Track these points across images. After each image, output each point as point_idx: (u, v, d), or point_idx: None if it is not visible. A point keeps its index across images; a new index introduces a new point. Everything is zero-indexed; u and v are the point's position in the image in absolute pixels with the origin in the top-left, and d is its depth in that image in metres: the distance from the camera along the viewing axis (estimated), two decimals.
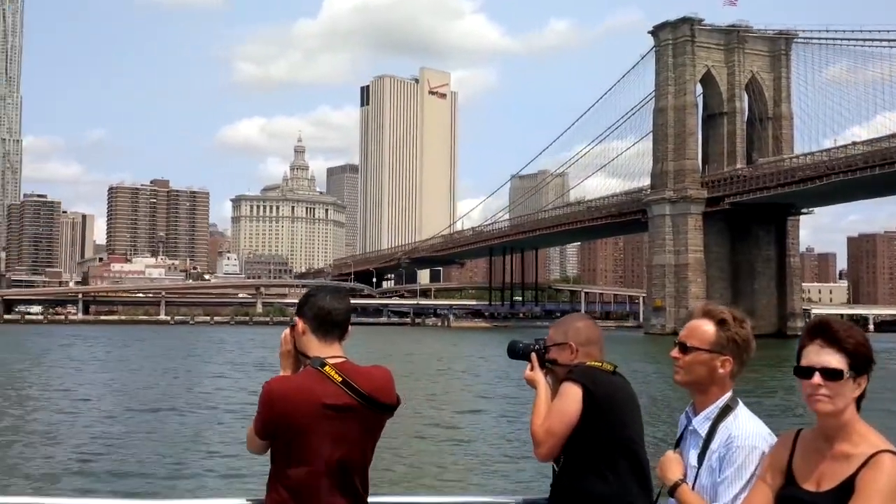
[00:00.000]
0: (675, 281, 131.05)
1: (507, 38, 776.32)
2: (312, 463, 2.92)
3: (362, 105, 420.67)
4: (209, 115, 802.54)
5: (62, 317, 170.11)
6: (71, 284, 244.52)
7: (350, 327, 3.13)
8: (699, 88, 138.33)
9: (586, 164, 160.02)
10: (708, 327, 2.91)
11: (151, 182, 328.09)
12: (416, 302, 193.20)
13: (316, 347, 3.01)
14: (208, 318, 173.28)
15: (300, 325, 3.06)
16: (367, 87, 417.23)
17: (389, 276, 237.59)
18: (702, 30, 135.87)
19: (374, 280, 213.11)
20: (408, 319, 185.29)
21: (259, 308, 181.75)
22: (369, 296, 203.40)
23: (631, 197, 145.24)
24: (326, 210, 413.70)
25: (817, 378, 2.48)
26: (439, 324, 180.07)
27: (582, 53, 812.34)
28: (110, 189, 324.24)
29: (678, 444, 3.03)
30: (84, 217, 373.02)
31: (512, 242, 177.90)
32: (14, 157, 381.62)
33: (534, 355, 3.49)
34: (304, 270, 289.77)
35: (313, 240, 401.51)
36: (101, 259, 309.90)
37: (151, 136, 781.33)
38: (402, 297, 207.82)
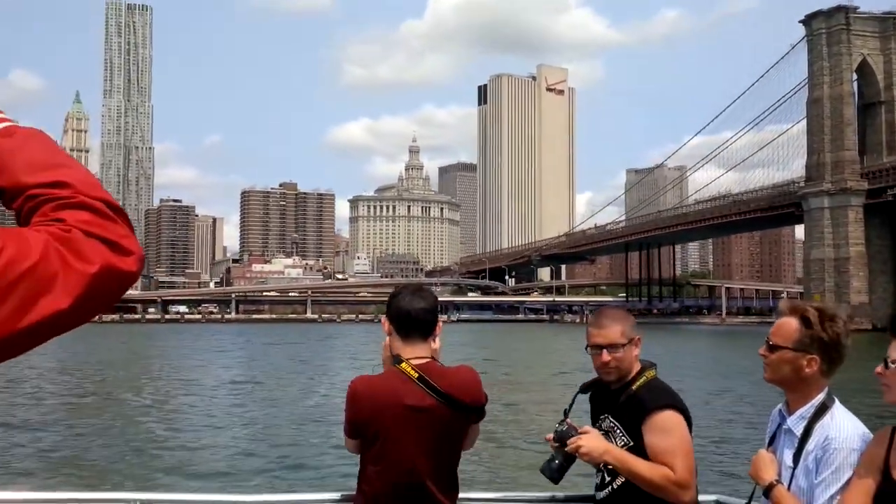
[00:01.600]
0: (834, 275, 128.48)
1: (613, 30, 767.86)
2: (393, 461, 2.93)
3: (480, 104, 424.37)
4: (318, 117, 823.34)
5: (219, 316, 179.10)
6: (211, 285, 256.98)
7: (440, 325, 3.07)
8: (854, 77, 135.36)
9: (727, 158, 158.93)
10: (792, 325, 2.83)
11: (280, 185, 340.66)
12: (551, 299, 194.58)
13: (399, 347, 3.01)
14: (353, 316, 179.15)
15: (386, 325, 3.07)
16: (485, 86, 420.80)
17: (512, 273, 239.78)
18: (857, 17, 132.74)
19: (506, 278, 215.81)
20: (544, 316, 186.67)
21: None
22: (503, 293, 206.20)
23: (780, 190, 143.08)
24: (441, 209, 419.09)
25: None
26: (577, 320, 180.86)
27: (695, 43, 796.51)
28: (243, 193, 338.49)
29: (770, 443, 2.96)
30: (214, 220, 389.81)
31: (649, 238, 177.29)
32: (147, 163, 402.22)
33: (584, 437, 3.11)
34: (429, 269, 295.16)
35: (429, 238, 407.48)
36: (235, 260, 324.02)
37: (263, 139, 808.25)
38: (536, 293, 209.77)
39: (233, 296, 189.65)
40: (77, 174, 1.02)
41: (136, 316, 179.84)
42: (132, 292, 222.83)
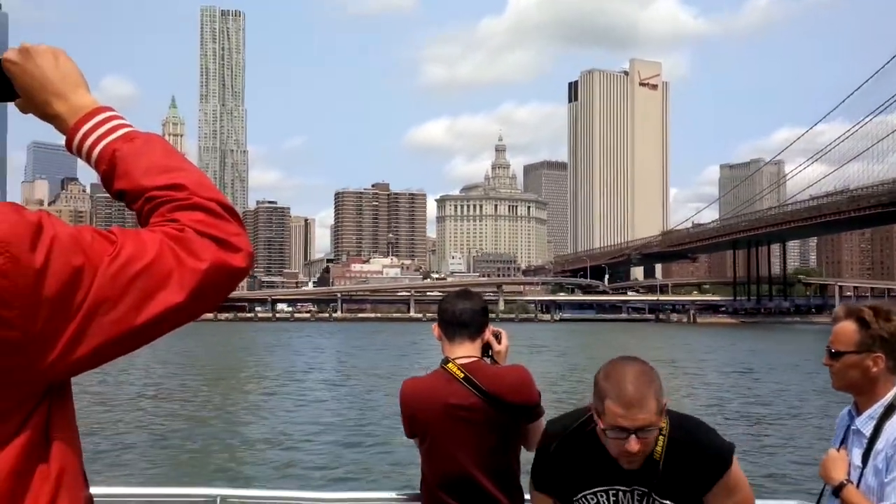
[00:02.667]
0: None
1: (700, 21, 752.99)
2: (442, 458, 2.99)
3: (570, 101, 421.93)
4: (398, 117, 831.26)
5: (326, 315, 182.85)
6: (310, 285, 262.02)
7: (489, 325, 3.10)
8: None
9: (833, 153, 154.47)
10: (850, 328, 2.81)
11: (373, 186, 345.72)
12: (655, 298, 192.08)
13: (447, 348, 3.06)
14: None
15: (436, 331, 3.12)
16: (575, 82, 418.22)
17: (607, 272, 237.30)
18: None
19: (607, 276, 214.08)
20: (649, 316, 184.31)
21: (501, 306, 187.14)
22: (603, 292, 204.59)
23: None
24: (528, 207, 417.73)
25: None
26: (684, 320, 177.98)
27: (787, 32, 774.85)
28: (337, 193, 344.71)
29: (840, 444, 2.93)
30: (306, 221, 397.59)
31: (759, 236, 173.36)
32: (241, 166, 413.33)
33: None
34: (524, 268, 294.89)
35: (516, 237, 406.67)
36: (329, 260, 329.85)
37: (344, 140, 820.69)
38: (637, 292, 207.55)
39: (338, 295, 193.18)
40: (192, 176, 1.08)
41: (249, 315, 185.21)
42: (243, 292, 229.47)
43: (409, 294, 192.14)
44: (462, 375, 2.95)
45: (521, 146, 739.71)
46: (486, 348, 3.10)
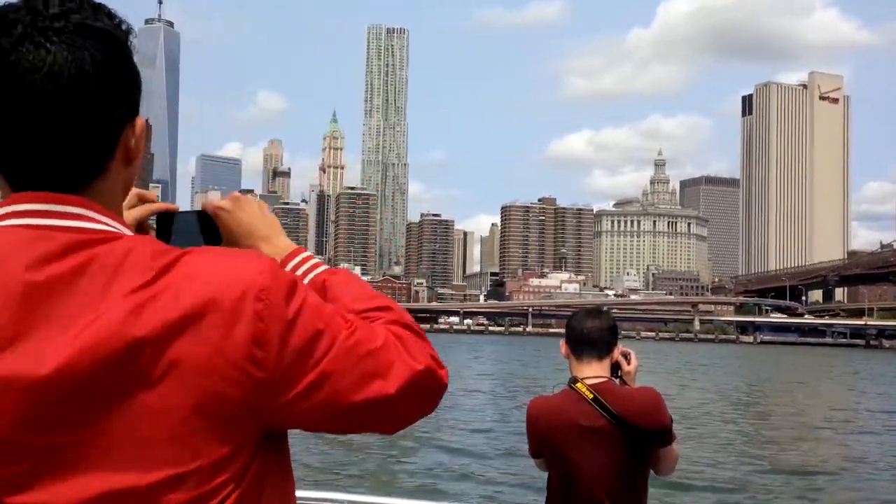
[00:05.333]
0: None
1: (864, 32, 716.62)
2: (570, 480, 2.96)
3: (744, 115, 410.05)
4: (539, 130, 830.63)
5: (520, 329, 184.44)
6: (481, 299, 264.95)
7: (618, 344, 3.07)
8: None
9: None
10: None
11: (539, 200, 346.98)
12: (863, 322, 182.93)
13: (574, 367, 3.04)
14: (653, 334, 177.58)
15: (563, 348, 3.10)
16: (749, 95, 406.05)
17: (804, 293, 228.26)
18: None
19: (804, 298, 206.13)
20: (855, 341, 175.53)
21: (696, 325, 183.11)
22: (800, 314, 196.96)
23: None
24: (689, 224, 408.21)
25: None
26: None
27: None
28: (503, 207, 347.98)
29: None
30: (465, 234, 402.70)
31: None
32: (402, 179, 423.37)
33: None
34: (713, 286, 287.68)
35: (675, 255, 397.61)
36: (494, 274, 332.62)
37: (484, 153, 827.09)
38: (834, 315, 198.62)
39: (529, 310, 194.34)
40: (396, 304, 1.15)
41: (444, 326, 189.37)
42: (433, 304, 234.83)
43: None
44: (591, 396, 2.91)
45: (670, 161, 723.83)
46: (615, 368, 3.06)
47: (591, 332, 3.01)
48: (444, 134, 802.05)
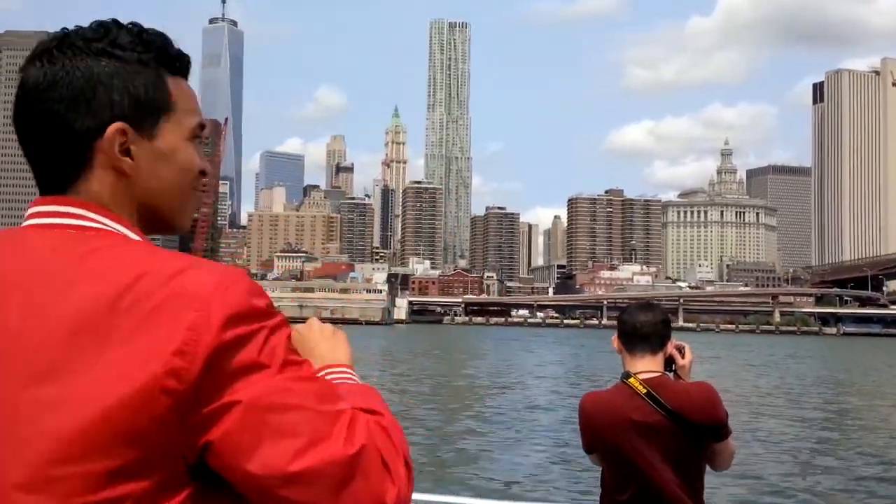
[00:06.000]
0: None
1: None
2: (626, 476, 2.93)
3: (815, 102, 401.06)
4: (598, 121, 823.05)
5: (596, 322, 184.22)
6: (550, 291, 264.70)
7: (672, 340, 3.03)
8: None
9: None
10: None
11: (606, 192, 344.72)
12: None
13: (628, 362, 3.00)
14: (733, 326, 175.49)
15: (615, 343, 3.07)
16: (821, 83, 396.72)
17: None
18: None
19: (884, 289, 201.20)
20: None
21: (777, 317, 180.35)
22: (883, 305, 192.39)
23: None
24: (757, 214, 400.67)
25: None
26: None
27: None
28: (570, 200, 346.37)
29: None
30: (529, 226, 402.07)
31: None
32: (465, 173, 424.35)
33: None
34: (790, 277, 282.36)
35: (744, 245, 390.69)
36: (560, 266, 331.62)
37: (543, 145, 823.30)
38: None
39: (604, 303, 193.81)
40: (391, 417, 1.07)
41: (518, 319, 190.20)
42: (506, 297, 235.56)
43: (675, 303, 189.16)
44: (644, 391, 2.88)
45: (730, 149, 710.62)
46: (669, 362, 3.02)
47: (644, 327, 2.97)
48: (501, 126, 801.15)
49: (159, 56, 1.06)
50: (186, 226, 1.13)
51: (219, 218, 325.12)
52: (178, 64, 1.09)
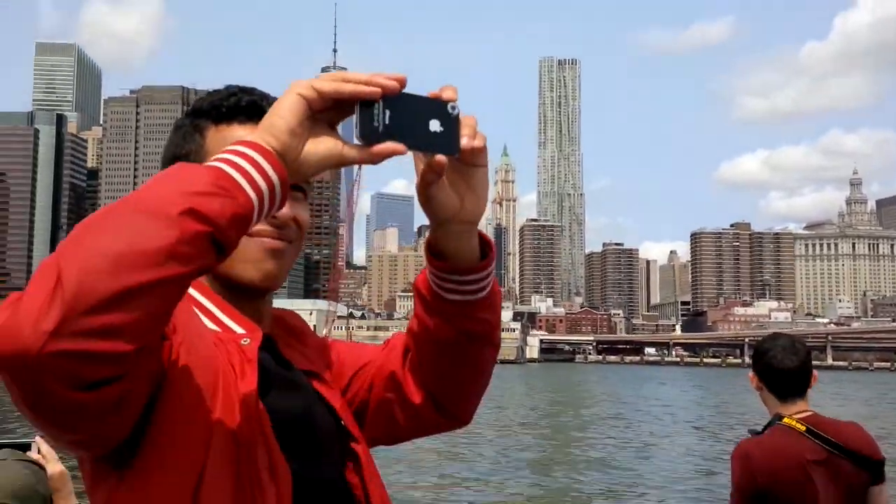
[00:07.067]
0: None
1: None
2: None
3: None
4: (709, 152, 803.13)
5: (739, 361, 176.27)
6: (678, 329, 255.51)
7: (815, 376, 2.88)
8: None
9: None
10: None
11: (731, 225, 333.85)
12: None
13: (774, 405, 2.87)
14: (888, 364, 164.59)
15: (754, 381, 2.92)
16: None
17: None
18: None
19: None
20: None
21: None
22: None
23: None
24: (892, 245, 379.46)
25: None
26: None
27: None
28: (692, 234, 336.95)
29: None
30: (647, 262, 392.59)
31: None
32: (578, 209, 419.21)
33: None
34: None
35: (878, 278, 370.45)
36: (684, 303, 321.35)
37: (650, 179, 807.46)
38: None
39: (745, 341, 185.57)
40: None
41: (655, 357, 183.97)
42: (637, 336, 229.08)
43: (822, 341, 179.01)
44: (804, 428, 2.76)
45: (845, 178, 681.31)
46: None
47: (795, 372, 2.85)
48: (609, 161, 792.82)
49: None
50: (251, 278, 1.14)
51: (338, 259, 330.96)
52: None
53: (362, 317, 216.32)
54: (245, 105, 1.13)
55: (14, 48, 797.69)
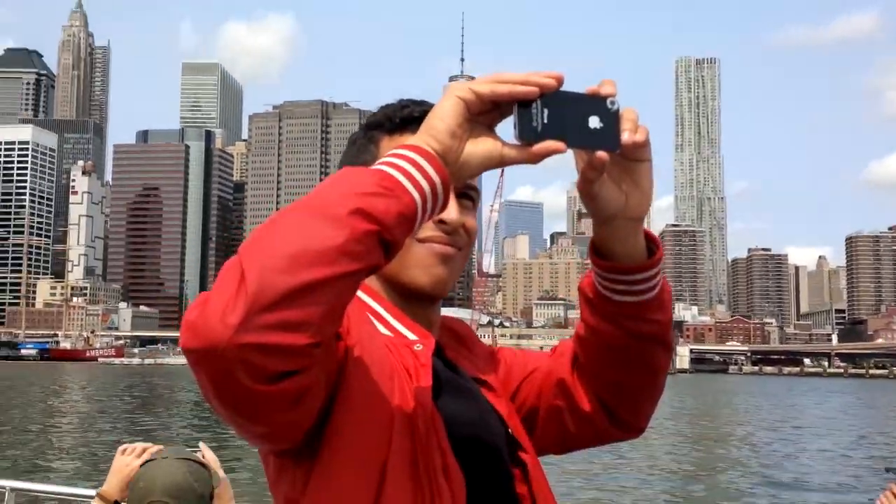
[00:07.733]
0: None
1: None
2: None
3: None
4: (856, 151, 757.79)
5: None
6: (834, 339, 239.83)
7: None
8: None
9: None
10: None
11: (889, 228, 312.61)
12: None
13: None
14: None
15: None
16: None
17: None
18: None
19: None
20: None
21: None
22: None
23: None
24: None
25: None
26: None
27: None
28: (848, 238, 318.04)
29: None
30: (797, 268, 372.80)
31: None
32: (719, 213, 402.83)
33: None
34: None
35: None
36: (839, 311, 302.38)
37: (793, 179, 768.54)
38: None
39: None
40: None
41: (816, 369, 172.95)
42: (794, 346, 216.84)
43: None
44: None
45: None
46: None
47: None
48: (748, 163, 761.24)
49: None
50: (422, 283, 1.17)
51: (472, 267, 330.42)
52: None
53: (500, 325, 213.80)
54: (417, 116, 1.15)
55: (158, 69, 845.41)
